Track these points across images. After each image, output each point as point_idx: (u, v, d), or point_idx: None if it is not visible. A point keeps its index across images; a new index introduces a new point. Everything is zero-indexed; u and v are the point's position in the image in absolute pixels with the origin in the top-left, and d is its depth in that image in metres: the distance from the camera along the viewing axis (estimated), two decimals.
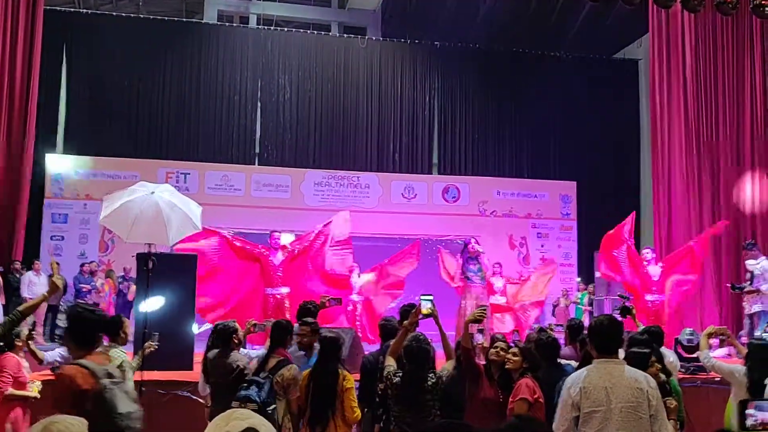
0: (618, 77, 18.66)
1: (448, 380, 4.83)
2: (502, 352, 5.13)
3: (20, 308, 4.32)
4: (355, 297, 11.20)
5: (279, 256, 10.05)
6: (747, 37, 13.62)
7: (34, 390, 6.23)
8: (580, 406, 3.83)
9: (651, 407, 3.81)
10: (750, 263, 10.72)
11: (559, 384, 4.21)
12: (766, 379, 5.04)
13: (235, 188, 15.95)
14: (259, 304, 9.75)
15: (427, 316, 5.09)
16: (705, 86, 13.56)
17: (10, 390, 5.98)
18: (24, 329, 6.64)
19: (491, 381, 5.11)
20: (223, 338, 5.62)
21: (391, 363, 4.86)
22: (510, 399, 4.73)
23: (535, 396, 4.64)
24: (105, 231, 14.27)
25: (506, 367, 4.98)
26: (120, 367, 5.50)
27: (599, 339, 4.02)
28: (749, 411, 3.38)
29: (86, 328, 3.53)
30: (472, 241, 11.30)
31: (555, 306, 15.40)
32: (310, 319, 5.84)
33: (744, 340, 9.69)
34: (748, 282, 10.68)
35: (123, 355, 5.70)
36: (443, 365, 4.92)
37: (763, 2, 10.54)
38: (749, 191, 13.15)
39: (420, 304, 5.12)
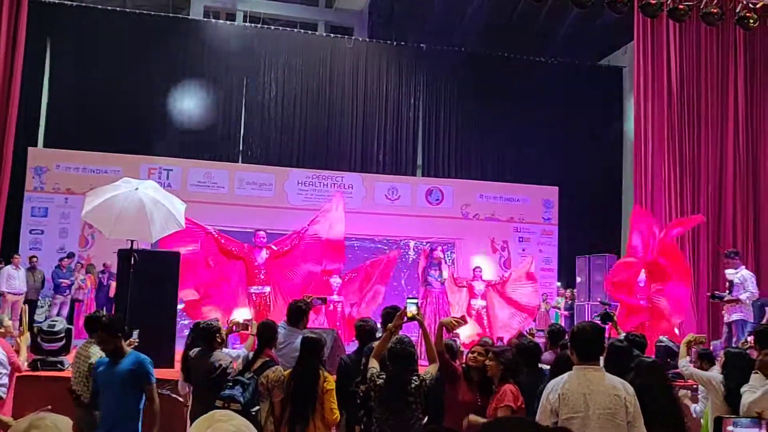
0: (603, 83, 18.80)
1: (432, 383, 4.83)
2: (479, 357, 5.13)
3: None
4: (335, 297, 11.20)
5: (263, 255, 10.01)
6: (731, 46, 13.79)
7: None
8: (559, 412, 3.85)
9: (629, 414, 3.83)
10: (729, 272, 10.78)
11: (541, 388, 4.22)
12: (743, 387, 5.09)
13: (219, 186, 15.82)
14: (241, 303, 9.70)
15: (411, 319, 5.09)
16: (689, 94, 13.69)
17: None
18: (5, 317, 6.59)
19: (470, 384, 5.12)
20: (205, 337, 5.58)
21: (374, 365, 4.85)
22: (493, 404, 4.73)
23: (518, 403, 4.66)
24: (86, 225, 14.13)
25: (488, 375, 4.99)
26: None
27: (581, 345, 4.04)
28: (729, 428, 3.37)
29: None
30: (438, 248, 11.70)
31: None
32: (104, 319, 5.22)
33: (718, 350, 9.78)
34: (728, 291, 10.76)
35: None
36: (427, 368, 4.92)
37: (747, 14, 10.71)
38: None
39: (405, 307, 5.12)
